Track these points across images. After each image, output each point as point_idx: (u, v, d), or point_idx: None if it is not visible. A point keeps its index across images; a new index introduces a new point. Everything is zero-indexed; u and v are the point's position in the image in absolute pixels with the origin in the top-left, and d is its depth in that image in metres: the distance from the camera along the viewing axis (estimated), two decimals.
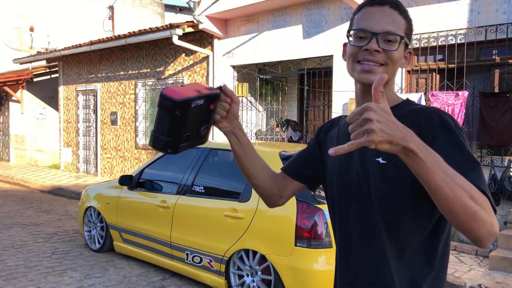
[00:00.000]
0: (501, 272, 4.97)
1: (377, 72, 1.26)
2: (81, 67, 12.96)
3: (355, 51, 1.29)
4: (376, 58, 1.26)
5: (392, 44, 1.27)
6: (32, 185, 11.25)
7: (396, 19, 1.29)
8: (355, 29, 1.30)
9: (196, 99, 1.20)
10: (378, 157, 1.24)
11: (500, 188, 5.69)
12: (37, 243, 6.13)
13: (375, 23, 1.27)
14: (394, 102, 1.34)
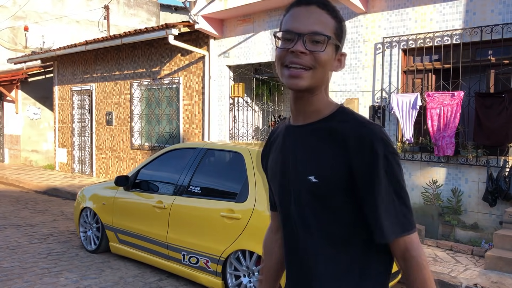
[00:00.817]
0: (497, 271, 4.99)
1: (305, 76, 1.21)
2: (76, 67, 12.90)
3: (282, 54, 1.23)
4: (302, 61, 1.20)
5: (319, 45, 1.21)
6: (27, 186, 11.19)
7: (323, 19, 1.23)
8: (281, 30, 1.25)
9: None
10: (310, 175, 1.23)
11: (497, 187, 5.71)
12: (33, 244, 6.09)
13: (301, 24, 1.21)
14: (324, 112, 1.28)
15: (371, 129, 1.18)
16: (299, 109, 1.30)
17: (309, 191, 1.24)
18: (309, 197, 1.24)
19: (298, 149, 1.28)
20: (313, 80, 1.22)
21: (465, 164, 6.16)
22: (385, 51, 6.92)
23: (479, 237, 5.97)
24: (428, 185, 6.45)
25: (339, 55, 1.28)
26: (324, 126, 1.25)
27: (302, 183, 1.25)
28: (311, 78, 1.22)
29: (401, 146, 6.73)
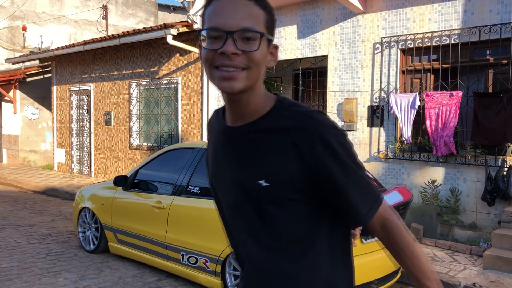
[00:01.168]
0: (495, 271, 5.00)
1: (240, 78, 1.09)
2: (75, 67, 12.89)
3: (209, 55, 1.09)
4: (235, 62, 1.07)
5: (252, 43, 1.08)
6: (25, 186, 11.18)
7: (252, 11, 1.10)
8: (207, 28, 1.09)
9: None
10: (259, 180, 1.14)
11: (495, 187, 5.72)
12: (31, 244, 6.09)
13: (228, 19, 1.07)
14: (263, 110, 1.18)
15: (315, 119, 1.11)
16: (235, 111, 1.19)
17: (259, 195, 1.16)
18: (259, 201, 1.17)
19: (241, 153, 1.20)
20: (248, 80, 1.11)
21: (463, 164, 6.17)
22: (384, 51, 6.93)
23: (477, 237, 5.98)
24: (426, 185, 6.46)
25: (271, 48, 1.18)
26: (264, 126, 1.16)
27: (251, 188, 1.17)
28: (246, 79, 1.10)
29: (400, 146, 6.74)
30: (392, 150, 6.83)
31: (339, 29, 7.47)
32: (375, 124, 7.03)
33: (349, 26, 7.34)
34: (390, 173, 6.89)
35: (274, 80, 9.97)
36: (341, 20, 7.44)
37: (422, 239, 6.18)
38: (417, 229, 6.24)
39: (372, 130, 7.09)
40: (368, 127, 7.12)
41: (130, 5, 19.13)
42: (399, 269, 4.45)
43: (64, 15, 17.14)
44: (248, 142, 1.18)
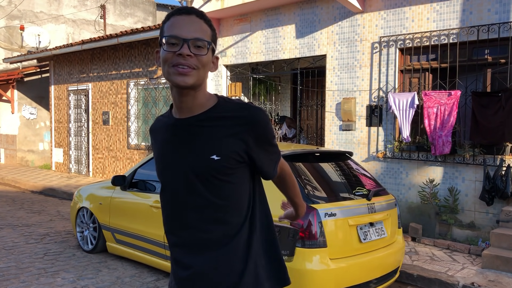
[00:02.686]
0: (494, 270, 5.00)
1: (191, 75, 1.42)
2: (73, 66, 12.86)
3: (168, 56, 1.42)
4: (188, 62, 1.40)
5: (201, 49, 1.43)
6: (23, 186, 11.15)
7: (203, 27, 1.45)
8: (168, 35, 1.42)
9: None
10: (212, 155, 1.47)
11: (494, 186, 5.72)
12: (29, 244, 6.07)
13: (185, 31, 1.41)
14: (208, 104, 1.52)
15: (252, 110, 1.49)
16: (185, 105, 1.50)
17: (212, 168, 1.47)
18: (210, 173, 1.48)
19: (193, 137, 1.51)
20: (197, 78, 1.44)
21: (462, 163, 6.18)
22: (382, 50, 6.93)
23: (476, 236, 5.98)
24: (425, 184, 6.46)
25: (214, 58, 1.52)
26: (212, 115, 1.50)
27: (204, 162, 1.48)
28: (196, 76, 1.43)
29: (398, 145, 6.74)
30: (391, 150, 6.83)
31: (337, 29, 7.47)
32: (373, 124, 7.02)
33: (347, 26, 7.34)
34: (389, 173, 6.89)
35: (272, 79, 9.96)
36: (339, 19, 7.44)
37: (420, 238, 6.18)
38: (416, 229, 6.24)
39: (370, 129, 7.09)
40: (367, 127, 7.12)
41: (128, 5, 19.09)
42: (398, 268, 4.45)
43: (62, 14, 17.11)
44: (198, 128, 1.50)
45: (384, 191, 4.50)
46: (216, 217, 1.52)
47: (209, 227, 1.52)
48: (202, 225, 1.53)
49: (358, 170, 4.60)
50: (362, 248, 3.90)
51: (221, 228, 1.52)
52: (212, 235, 1.52)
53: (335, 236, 3.74)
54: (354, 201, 4.03)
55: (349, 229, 3.83)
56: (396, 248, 4.29)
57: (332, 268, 3.66)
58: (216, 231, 1.52)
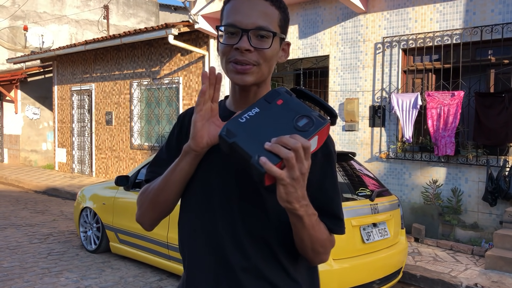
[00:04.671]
0: (497, 271, 4.99)
1: (252, 73, 1.17)
2: (76, 67, 12.89)
3: (226, 50, 1.18)
4: (247, 58, 1.16)
5: (264, 41, 1.17)
6: (26, 186, 11.18)
7: (268, 10, 1.17)
8: (225, 24, 1.18)
9: None
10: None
11: (497, 187, 5.72)
12: (33, 244, 6.09)
13: (245, 17, 1.15)
14: None
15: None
16: (244, 100, 1.25)
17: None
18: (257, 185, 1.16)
19: None
20: (259, 75, 1.20)
21: (465, 164, 6.17)
22: (385, 50, 6.92)
23: (479, 237, 5.97)
24: (428, 185, 6.45)
25: (283, 44, 1.26)
26: None
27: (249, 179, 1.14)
28: (257, 73, 1.19)
29: (401, 146, 6.73)
30: (394, 150, 6.83)
31: (340, 29, 7.46)
32: (376, 124, 7.02)
33: (350, 26, 7.34)
34: (392, 173, 6.89)
35: (275, 80, 9.97)
36: (342, 20, 7.44)
37: (423, 239, 6.18)
38: (419, 229, 6.24)
39: (373, 130, 7.08)
40: (370, 127, 7.11)
41: (131, 5, 19.13)
42: (401, 269, 4.45)
43: (65, 15, 17.15)
44: None
45: (387, 191, 4.50)
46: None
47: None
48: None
49: (361, 170, 4.60)
50: (365, 248, 3.90)
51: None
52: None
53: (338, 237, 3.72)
54: (357, 201, 4.04)
55: (352, 230, 3.83)
56: (399, 248, 4.29)
57: (335, 269, 3.66)
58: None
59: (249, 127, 0.97)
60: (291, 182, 0.94)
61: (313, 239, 1.12)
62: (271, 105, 1.01)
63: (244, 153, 0.95)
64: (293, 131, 0.95)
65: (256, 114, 0.99)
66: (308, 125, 0.96)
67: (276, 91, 1.02)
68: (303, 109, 0.99)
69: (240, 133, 0.96)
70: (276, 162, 0.91)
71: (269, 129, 0.96)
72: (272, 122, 0.98)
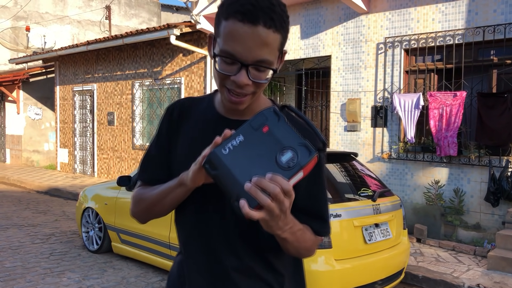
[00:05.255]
0: (499, 272, 4.98)
1: (245, 102, 1.16)
2: (78, 67, 12.91)
3: (222, 77, 1.14)
4: (244, 91, 1.13)
5: (263, 73, 1.13)
6: (28, 186, 11.20)
7: (269, 39, 1.09)
8: (223, 53, 1.11)
9: None
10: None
11: (499, 188, 5.70)
12: (35, 244, 6.10)
13: (245, 49, 1.08)
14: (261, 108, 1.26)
15: (317, 136, 1.14)
16: (235, 109, 1.22)
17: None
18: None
19: None
20: (254, 99, 1.19)
21: (467, 164, 6.16)
22: (387, 51, 6.92)
23: (481, 237, 5.96)
24: (430, 185, 6.44)
25: (282, 53, 1.21)
26: None
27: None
28: (251, 100, 1.18)
29: (403, 146, 6.72)
30: (396, 151, 6.82)
31: (342, 29, 7.46)
32: (378, 124, 7.01)
33: (352, 26, 7.33)
34: (394, 174, 6.88)
35: (277, 80, 9.97)
36: (344, 20, 7.43)
37: (425, 239, 6.17)
38: (421, 230, 6.23)
39: (375, 130, 7.08)
40: (372, 127, 7.11)
41: (133, 6, 19.15)
42: (403, 269, 4.44)
43: (67, 15, 17.18)
44: None
45: (389, 192, 4.50)
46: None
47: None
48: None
49: (363, 171, 4.60)
50: (367, 249, 3.90)
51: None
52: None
53: (340, 237, 3.74)
54: (359, 202, 4.03)
55: (354, 230, 3.83)
56: (401, 249, 4.28)
57: (337, 269, 3.65)
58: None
59: (232, 159, 0.95)
60: (271, 219, 0.95)
61: (298, 248, 1.17)
62: (257, 133, 0.97)
63: (225, 189, 0.96)
64: (275, 167, 0.92)
65: (240, 144, 0.96)
66: (292, 160, 0.93)
67: (263, 115, 0.98)
68: (289, 139, 0.95)
69: (222, 167, 0.95)
70: (255, 205, 0.91)
71: (252, 163, 0.94)
72: (256, 154, 0.95)
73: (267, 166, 0.93)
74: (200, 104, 1.33)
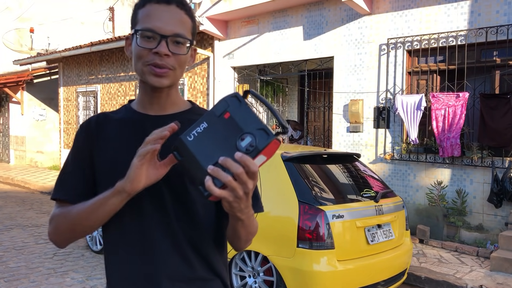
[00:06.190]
0: (502, 273, 4.98)
1: (168, 76, 1.23)
2: (81, 68, 12.96)
3: (143, 53, 1.22)
4: (166, 62, 1.21)
5: (181, 47, 1.24)
6: (32, 187, 11.25)
7: (183, 19, 1.25)
8: (143, 29, 1.22)
9: None
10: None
11: (502, 189, 5.70)
12: (38, 244, 6.13)
13: (164, 24, 1.21)
14: (181, 104, 1.35)
15: None
16: (156, 101, 1.31)
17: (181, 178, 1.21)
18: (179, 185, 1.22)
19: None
20: (174, 78, 1.27)
21: (470, 165, 6.15)
22: (390, 52, 6.92)
23: (484, 239, 5.95)
24: (432, 186, 6.44)
25: (192, 50, 1.32)
26: (188, 117, 1.25)
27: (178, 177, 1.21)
28: (173, 77, 1.25)
29: (406, 147, 6.73)
30: (398, 152, 6.82)
31: (345, 30, 7.47)
32: (381, 126, 7.02)
33: (355, 27, 7.34)
34: (396, 175, 6.88)
35: (280, 81, 9.98)
36: (347, 21, 7.44)
37: (428, 240, 6.16)
38: (423, 231, 6.23)
39: (378, 131, 7.08)
40: (374, 128, 7.11)
41: None
42: (405, 270, 4.44)
43: (71, 16, 17.25)
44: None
45: (392, 193, 4.50)
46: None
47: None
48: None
49: (366, 172, 4.60)
50: (369, 250, 3.90)
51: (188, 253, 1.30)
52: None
53: (342, 238, 3.75)
54: (361, 203, 4.04)
55: (357, 231, 3.83)
56: (403, 250, 4.29)
57: (340, 270, 3.66)
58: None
59: (196, 146, 0.99)
60: (235, 199, 0.99)
61: (248, 234, 1.25)
62: (219, 118, 1.00)
63: (190, 174, 1.00)
64: (235, 152, 0.96)
65: (203, 130, 1.00)
66: (250, 145, 0.96)
67: (225, 101, 1.01)
68: (249, 124, 0.97)
69: (187, 153, 0.99)
70: (220, 185, 0.95)
71: (215, 149, 0.98)
72: (219, 139, 0.98)
73: (229, 151, 0.96)
74: (117, 113, 1.38)
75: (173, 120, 1.21)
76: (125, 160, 1.16)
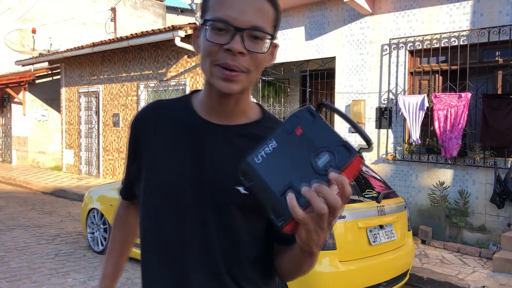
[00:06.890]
0: (505, 274, 4.96)
1: (240, 81, 1.02)
2: (83, 69, 12.98)
3: (213, 50, 1.00)
4: (239, 63, 0.99)
5: (259, 43, 1.01)
6: (34, 187, 11.26)
7: (264, 7, 1.01)
8: (213, 19, 0.99)
9: None
10: (238, 185, 1.04)
11: (505, 189, 5.68)
12: (40, 244, 6.13)
13: (239, 13, 0.98)
14: (250, 113, 1.14)
15: None
16: (222, 108, 1.10)
17: (234, 202, 1.06)
18: (232, 208, 1.06)
19: (218, 153, 1.08)
20: (247, 83, 1.05)
21: (472, 166, 6.14)
22: (392, 52, 6.91)
23: (486, 239, 5.93)
24: (435, 187, 6.42)
25: (272, 47, 1.08)
26: (254, 132, 1.09)
27: (226, 193, 1.06)
28: (246, 81, 1.04)
29: (408, 148, 6.71)
30: (400, 152, 6.81)
31: (347, 31, 7.46)
32: (383, 126, 7.00)
33: (357, 28, 7.33)
34: (398, 175, 6.87)
35: (281, 81, 9.98)
36: (348, 21, 7.43)
37: (430, 241, 6.15)
38: (426, 231, 6.21)
39: (380, 131, 7.07)
40: (376, 129, 7.10)
41: (138, 7, 19.23)
42: (408, 271, 4.43)
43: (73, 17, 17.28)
44: (234, 143, 1.09)
45: (394, 193, 4.49)
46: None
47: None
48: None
49: (368, 172, 4.59)
50: (371, 250, 3.90)
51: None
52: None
53: (344, 239, 3.74)
54: (363, 203, 4.03)
55: (359, 232, 3.83)
56: (405, 250, 4.28)
57: (342, 271, 3.66)
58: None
59: (265, 168, 0.85)
60: (316, 230, 0.81)
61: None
62: (290, 136, 0.86)
63: (260, 201, 0.86)
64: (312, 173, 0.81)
65: (273, 150, 0.86)
66: (329, 164, 0.81)
67: (295, 116, 0.87)
68: (325, 140, 0.84)
69: (256, 177, 0.85)
70: (305, 204, 0.80)
71: (286, 171, 0.84)
72: (291, 160, 0.84)
73: (304, 172, 0.82)
74: (175, 107, 1.18)
75: (239, 133, 1.10)
76: (169, 166, 1.09)
